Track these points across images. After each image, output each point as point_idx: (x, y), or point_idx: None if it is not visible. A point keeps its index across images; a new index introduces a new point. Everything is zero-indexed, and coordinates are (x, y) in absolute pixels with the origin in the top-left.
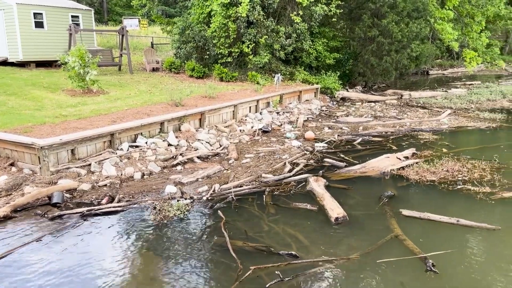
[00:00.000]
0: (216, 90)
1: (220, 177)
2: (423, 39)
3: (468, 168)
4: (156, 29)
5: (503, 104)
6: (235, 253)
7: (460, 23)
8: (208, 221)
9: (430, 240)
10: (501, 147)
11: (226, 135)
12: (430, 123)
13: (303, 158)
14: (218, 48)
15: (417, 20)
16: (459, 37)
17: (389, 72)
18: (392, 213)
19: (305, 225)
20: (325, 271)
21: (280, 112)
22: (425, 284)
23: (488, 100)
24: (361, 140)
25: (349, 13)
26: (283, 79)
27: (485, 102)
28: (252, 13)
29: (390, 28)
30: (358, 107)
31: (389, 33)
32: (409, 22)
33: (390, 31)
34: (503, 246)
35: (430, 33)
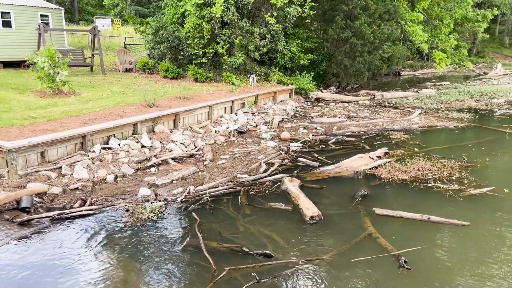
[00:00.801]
0: (190, 90)
1: (195, 179)
2: (394, 41)
3: (438, 167)
4: (129, 29)
5: (471, 104)
6: (210, 254)
7: (429, 25)
8: (183, 223)
9: (403, 238)
10: (469, 146)
11: (201, 136)
12: (401, 123)
13: (279, 158)
14: (192, 49)
15: (389, 22)
16: (428, 39)
17: (362, 72)
18: (366, 212)
19: (280, 225)
20: (300, 271)
21: (256, 112)
22: (398, 281)
23: (456, 100)
24: (335, 140)
25: (323, 14)
26: (258, 79)
27: (453, 102)
28: (226, 14)
29: (363, 29)
30: (332, 108)
31: (361, 35)
32: (380, 24)
33: (363, 32)
34: (472, 241)
35: (401, 34)
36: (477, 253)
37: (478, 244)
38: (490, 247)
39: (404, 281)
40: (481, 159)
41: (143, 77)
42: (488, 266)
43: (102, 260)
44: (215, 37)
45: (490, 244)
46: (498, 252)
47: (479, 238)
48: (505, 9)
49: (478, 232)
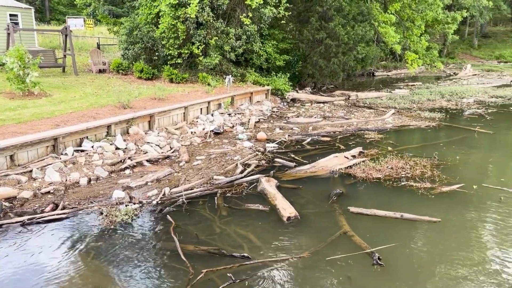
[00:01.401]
0: (166, 91)
1: (171, 180)
2: (368, 42)
3: (411, 165)
4: (102, 29)
5: (442, 104)
6: (186, 257)
7: (402, 27)
8: (158, 226)
9: (377, 235)
10: (440, 144)
11: (177, 137)
12: (375, 123)
13: (255, 159)
14: (167, 49)
15: (362, 23)
16: (401, 40)
17: (337, 73)
18: (341, 210)
19: (257, 226)
20: (277, 271)
21: (232, 113)
22: (372, 278)
23: (428, 100)
24: (310, 140)
25: (298, 15)
26: (234, 80)
27: (425, 102)
28: (201, 14)
29: (337, 30)
30: (308, 108)
31: (336, 36)
32: (354, 25)
33: (337, 33)
34: (443, 237)
35: (375, 36)
36: (448, 248)
37: (449, 240)
38: (461, 242)
39: (378, 278)
40: (452, 157)
41: (117, 78)
42: (458, 261)
43: (75, 265)
44: (190, 37)
45: (460, 239)
46: (468, 247)
47: (450, 234)
48: (474, 11)
49: (449, 228)
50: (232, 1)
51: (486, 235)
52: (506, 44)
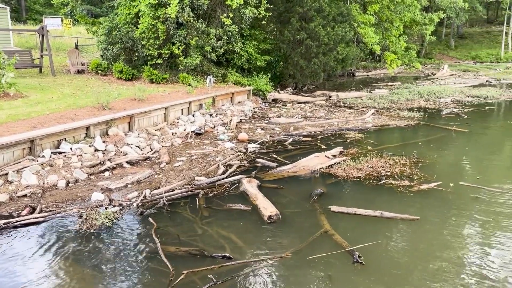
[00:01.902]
0: (146, 92)
1: (152, 182)
2: (348, 42)
3: (390, 164)
4: (81, 29)
5: (420, 104)
6: (168, 258)
7: (381, 28)
8: (139, 228)
9: (357, 234)
10: (419, 143)
11: (158, 139)
12: (356, 122)
13: (237, 160)
14: (147, 50)
15: (342, 24)
16: (380, 40)
17: (317, 73)
18: (322, 209)
19: (238, 226)
20: (258, 271)
21: (213, 114)
22: (352, 276)
23: (407, 99)
24: (292, 140)
25: (279, 16)
26: (216, 81)
27: (404, 102)
28: (181, 14)
29: (318, 31)
30: (289, 108)
31: (316, 36)
32: (334, 26)
33: (318, 34)
34: (422, 234)
35: (355, 36)
36: (426, 245)
37: (427, 237)
38: (439, 239)
39: (358, 276)
40: (430, 156)
41: (96, 79)
42: (437, 258)
43: (53, 270)
44: (171, 37)
45: (438, 236)
46: (445, 244)
47: (428, 231)
48: (451, 12)
49: (427, 226)
50: (213, 2)
51: (463, 232)
52: (482, 45)
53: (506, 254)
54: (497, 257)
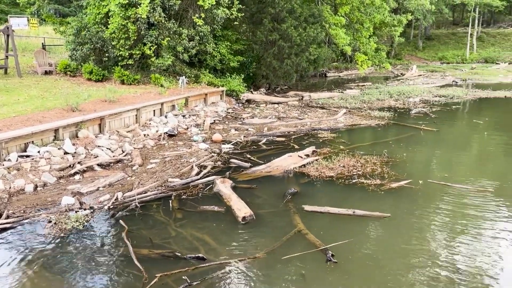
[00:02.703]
0: (117, 93)
1: (124, 185)
2: (320, 43)
3: (362, 163)
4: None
5: (390, 103)
6: (141, 262)
7: (351, 29)
8: (110, 231)
9: (330, 232)
10: (389, 142)
11: (129, 140)
12: (328, 122)
13: (211, 161)
14: (118, 50)
15: (314, 25)
16: (351, 41)
17: (290, 74)
18: (296, 209)
19: (212, 227)
20: (232, 272)
21: (186, 115)
22: (325, 274)
23: (377, 99)
24: (265, 140)
25: (251, 17)
26: (188, 81)
27: (375, 102)
28: (152, 15)
29: (290, 32)
30: (262, 109)
31: (288, 37)
32: (306, 27)
33: (290, 35)
34: (393, 231)
35: (326, 37)
36: (398, 242)
37: (399, 233)
38: (409, 235)
39: (331, 274)
40: (400, 154)
41: (65, 80)
42: (408, 254)
43: (21, 277)
44: (142, 38)
45: (409, 232)
46: (416, 240)
47: (399, 228)
48: (418, 14)
49: (398, 223)
50: (184, 2)
51: (432, 228)
52: (448, 46)
53: (473, 248)
54: (465, 250)
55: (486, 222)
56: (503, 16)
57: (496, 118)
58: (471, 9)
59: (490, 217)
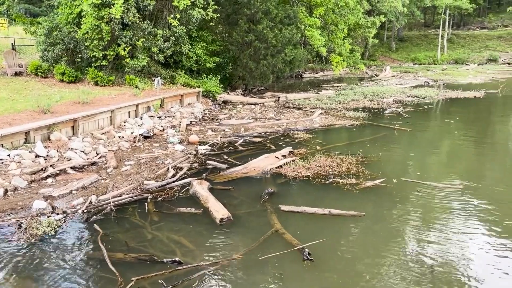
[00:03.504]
0: (90, 95)
1: (98, 188)
2: (295, 45)
3: (337, 163)
4: (18, 29)
5: (365, 104)
6: (116, 266)
7: (326, 30)
8: (84, 236)
9: (307, 232)
10: (364, 142)
11: (104, 143)
12: (304, 123)
13: (187, 162)
14: (91, 51)
15: (289, 26)
16: (326, 43)
17: (266, 75)
18: (273, 209)
19: (189, 230)
20: (210, 274)
21: (162, 116)
22: (302, 273)
23: (352, 100)
24: (242, 141)
25: (227, 18)
26: (164, 82)
27: (350, 102)
28: (126, 15)
29: (265, 33)
30: (239, 110)
31: (264, 38)
32: (282, 28)
33: (266, 36)
34: (368, 229)
35: (302, 39)
36: (372, 240)
37: (373, 231)
38: (384, 233)
39: (309, 273)
40: (375, 154)
41: (36, 81)
42: (383, 252)
43: None
44: (116, 38)
45: (383, 230)
46: (390, 237)
47: (373, 226)
48: (391, 16)
49: (373, 221)
50: (159, 2)
51: (406, 225)
52: (420, 47)
53: (445, 243)
54: (437, 246)
55: (457, 218)
56: (472, 18)
57: (466, 118)
58: (441, 11)
59: (461, 214)
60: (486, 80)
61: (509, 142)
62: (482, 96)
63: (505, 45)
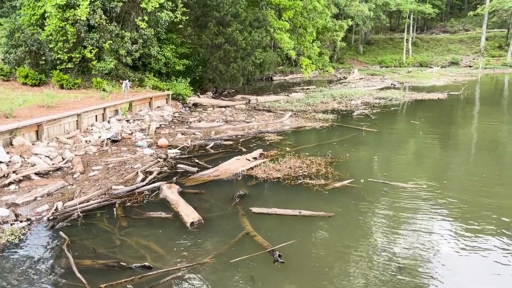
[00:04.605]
0: (56, 98)
1: (64, 194)
2: (265, 47)
3: (307, 164)
4: None
5: (334, 106)
6: (84, 273)
7: (295, 34)
8: (50, 244)
9: (278, 233)
10: (333, 143)
11: (70, 147)
12: (274, 125)
13: (157, 166)
14: (55, 53)
15: (259, 29)
16: (295, 46)
17: (236, 78)
18: (244, 211)
19: (159, 234)
20: (180, 279)
21: (130, 120)
22: (273, 274)
23: (322, 102)
24: (213, 144)
25: (196, 20)
26: (132, 85)
27: (319, 104)
28: (92, 17)
29: (235, 36)
30: (210, 113)
31: (234, 41)
32: (251, 31)
33: (235, 39)
34: (337, 230)
35: (271, 42)
36: (341, 240)
37: (342, 231)
38: (352, 233)
39: (279, 274)
40: (343, 155)
41: None
42: (351, 251)
43: None
44: (82, 41)
45: (352, 230)
46: (359, 237)
47: (342, 226)
48: (358, 20)
49: (341, 221)
50: (127, 4)
51: (374, 225)
52: (386, 50)
53: (411, 241)
54: (404, 244)
55: (422, 217)
56: (435, 22)
57: (431, 119)
58: (406, 15)
59: (426, 212)
60: (448, 82)
61: (471, 142)
62: (445, 98)
63: (466, 49)
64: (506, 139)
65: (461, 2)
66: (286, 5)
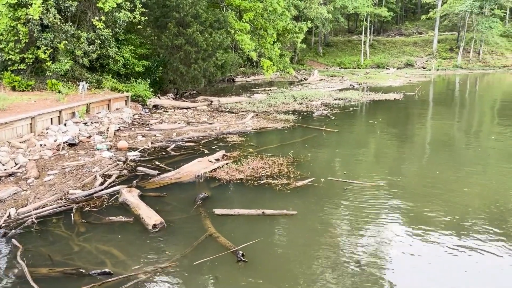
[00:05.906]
0: (7, 101)
1: (17, 200)
2: (226, 49)
3: (269, 165)
4: None
5: (295, 107)
6: (39, 282)
7: (256, 35)
8: (1, 252)
9: (241, 233)
10: (295, 144)
11: (23, 152)
12: (237, 126)
13: (116, 169)
14: (6, 54)
15: (220, 30)
16: (256, 47)
17: (198, 79)
18: (207, 213)
19: (120, 239)
20: (142, 284)
21: (88, 122)
22: (237, 274)
23: (283, 103)
24: (174, 146)
25: (155, 21)
26: (90, 87)
27: (281, 105)
28: (46, 16)
29: (196, 37)
30: (171, 114)
31: (195, 42)
32: (212, 32)
33: (196, 40)
34: (300, 228)
35: (232, 43)
36: (304, 238)
37: (305, 229)
38: (315, 230)
39: (243, 274)
40: (304, 155)
41: None
42: (314, 249)
43: None
44: (35, 41)
45: (314, 228)
46: (321, 235)
47: (305, 224)
48: (317, 22)
49: (304, 219)
50: (83, 3)
51: (335, 222)
52: (345, 52)
53: (371, 238)
54: (365, 241)
55: (381, 214)
56: (391, 25)
57: (388, 118)
58: (363, 18)
59: (384, 209)
60: (404, 83)
61: (425, 140)
62: (401, 98)
63: (420, 51)
64: (458, 136)
65: (414, 6)
66: (247, 6)
